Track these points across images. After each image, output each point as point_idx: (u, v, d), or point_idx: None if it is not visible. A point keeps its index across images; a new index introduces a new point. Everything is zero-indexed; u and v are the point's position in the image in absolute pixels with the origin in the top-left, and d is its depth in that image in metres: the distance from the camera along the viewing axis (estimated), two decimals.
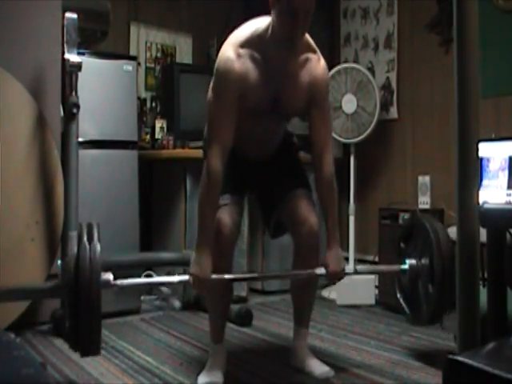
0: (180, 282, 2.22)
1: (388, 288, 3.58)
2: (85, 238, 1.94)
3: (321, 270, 2.31)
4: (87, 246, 1.92)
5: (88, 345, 1.91)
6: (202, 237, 2.15)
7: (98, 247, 1.93)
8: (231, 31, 2.25)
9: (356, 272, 2.81)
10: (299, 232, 2.36)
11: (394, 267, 2.48)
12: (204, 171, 2.17)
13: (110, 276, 2.02)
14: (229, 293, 2.42)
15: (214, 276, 2.15)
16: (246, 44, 2.15)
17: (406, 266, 2.41)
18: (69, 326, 1.92)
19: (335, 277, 2.35)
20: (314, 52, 2.26)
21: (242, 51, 2.14)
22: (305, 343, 2.49)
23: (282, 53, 2.16)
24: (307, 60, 2.23)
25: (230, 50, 2.14)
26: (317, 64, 2.25)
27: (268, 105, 2.22)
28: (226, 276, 2.22)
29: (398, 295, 2.50)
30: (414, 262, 2.40)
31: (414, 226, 2.48)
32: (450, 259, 2.22)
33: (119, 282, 2.06)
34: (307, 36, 2.21)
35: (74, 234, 2.01)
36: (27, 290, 2.24)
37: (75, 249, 1.93)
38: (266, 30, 2.13)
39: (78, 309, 1.86)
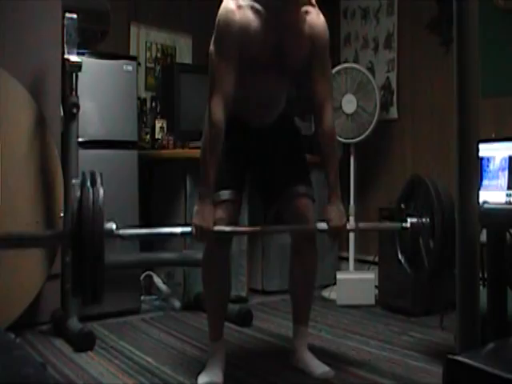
0: (183, 234, 2.19)
1: (388, 288, 3.59)
2: (88, 183, 1.90)
3: (322, 225, 2.29)
4: (90, 189, 1.87)
5: (91, 292, 1.87)
6: (204, 188, 2.16)
7: (102, 191, 1.88)
8: None
9: (358, 228, 2.79)
10: (292, 208, 2.40)
11: (396, 225, 2.43)
12: (206, 122, 2.17)
13: (113, 225, 1.97)
14: (228, 288, 2.45)
15: (216, 227, 2.14)
16: None
17: (407, 224, 2.36)
18: (72, 273, 1.88)
19: (337, 232, 2.31)
20: (313, 6, 2.27)
21: (242, 2, 2.15)
22: (305, 342, 2.49)
23: (283, 3, 2.17)
24: (307, 12, 2.24)
25: (230, 2, 2.15)
26: (317, 17, 2.26)
27: (270, 56, 2.21)
28: (227, 228, 2.22)
29: (400, 256, 2.46)
30: (414, 220, 2.35)
31: (415, 185, 2.46)
32: (451, 213, 2.16)
33: (122, 231, 2.00)
34: None
35: (76, 181, 1.95)
36: (31, 237, 2.21)
37: (78, 193, 1.87)
38: None
39: (82, 252, 1.81)
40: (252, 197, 2.65)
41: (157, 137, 3.87)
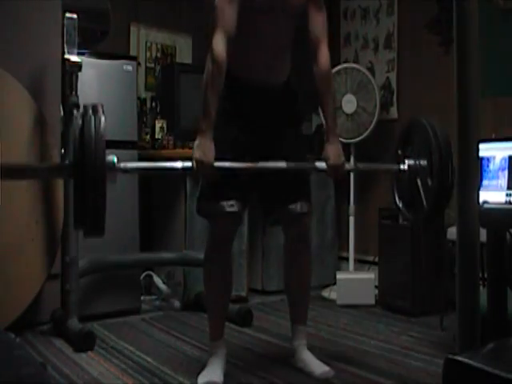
0: (183, 169, 2.18)
1: (388, 288, 3.59)
2: (90, 111, 1.87)
3: (321, 165, 2.31)
4: (92, 117, 1.84)
5: (93, 223, 1.84)
6: (205, 122, 2.18)
7: (103, 118, 1.86)
8: None
9: (356, 168, 2.78)
10: (290, 231, 2.46)
11: (393, 166, 2.44)
12: (208, 59, 2.19)
13: (114, 158, 1.93)
14: (229, 286, 2.46)
15: (216, 163, 2.15)
16: None
17: (404, 166, 2.36)
18: (74, 203, 1.85)
19: (335, 170, 2.33)
20: None
21: None
22: (304, 342, 2.49)
23: None
24: None
25: None
26: None
27: None
28: (227, 164, 2.21)
29: (397, 202, 2.46)
30: (412, 161, 2.36)
31: (411, 128, 2.46)
32: (448, 150, 2.20)
33: (123, 164, 1.97)
34: None
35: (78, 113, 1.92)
36: (33, 169, 2.16)
37: (80, 121, 1.84)
38: None
39: (84, 181, 1.78)
40: (252, 207, 2.65)
41: (157, 137, 3.87)
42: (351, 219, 4.01)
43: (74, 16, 2.89)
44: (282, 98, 2.40)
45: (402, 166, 2.36)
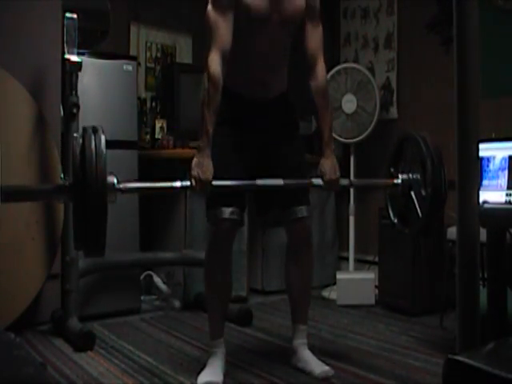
0: (182, 187, 2.19)
1: (388, 288, 3.59)
2: (90, 131, 1.87)
3: (317, 181, 2.35)
4: (92, 136, 1.83)
5: (93, 244, 1.83)
6: (203, 141, 2.19)
7: (104, 138, 1.84)
8: None
9: (351, 184, 2.92)
10: (293, 233, 2.46)
11: (388, 181, 2.50)
12: (204, 77, 2.20)
13: (114, 179, 1.93)
14: (229, 283, 2.46)
15: (214, 182, 2.16)
16: None
17: (398, 180, 2.42)
18: (74, 222, 1.85)
19: (331, 185, 2.38)
20: None
21: None
22: (304, 342, 2.49)
23: None
24: None
25: None
26: None
27: (267, 6, 2.22)
28: (226, 182, 2.22)
29: (393, 218, 2.51)
30: (405, 176, 2.41)
31: (403, 141, 2.50)
32: (440, 160, 2.26)
33: (122, 185, 1.97)
34: None
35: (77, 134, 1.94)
36: (32, 191, 2.16)
37: (80, 140, 1.83)
38: None
39: (85, 204, 1.76)
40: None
41: (157, 137, 3.87)
42: (351, 219, 4.01)
43: (74, 16, 2.89)
44: (279, 109, 2.41)
45: (395, 181, 2.42)
